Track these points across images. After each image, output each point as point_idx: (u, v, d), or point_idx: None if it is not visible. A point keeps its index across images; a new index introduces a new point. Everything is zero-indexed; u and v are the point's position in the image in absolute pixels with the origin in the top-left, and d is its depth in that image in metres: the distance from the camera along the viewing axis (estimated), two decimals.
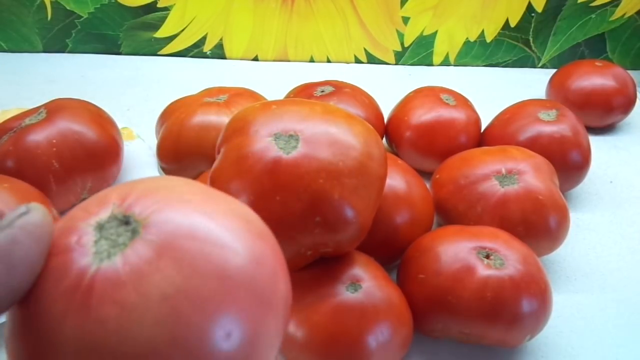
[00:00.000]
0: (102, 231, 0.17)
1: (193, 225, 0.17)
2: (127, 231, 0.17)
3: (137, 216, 0.17)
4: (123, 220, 0.17)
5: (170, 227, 0.17)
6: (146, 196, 0.18)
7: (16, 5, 0.69)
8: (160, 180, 0.20)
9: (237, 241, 0.18)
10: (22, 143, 0.41)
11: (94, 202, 0.19)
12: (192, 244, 0.17)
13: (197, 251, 0.17)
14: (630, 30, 0.73)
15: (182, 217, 0.17)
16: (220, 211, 0.18)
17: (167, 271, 0.16)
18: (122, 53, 0.73)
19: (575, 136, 0.48)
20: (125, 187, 0.19)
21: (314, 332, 0.32)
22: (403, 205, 0.40)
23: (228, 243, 0.17)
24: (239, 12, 0.70)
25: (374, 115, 0.52)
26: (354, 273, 0.33)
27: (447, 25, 0.72)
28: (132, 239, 0.17)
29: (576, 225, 0.48)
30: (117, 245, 0.17)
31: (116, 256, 0.16)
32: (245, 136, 0.32)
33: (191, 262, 0.16)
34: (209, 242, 0.17)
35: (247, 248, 0.18)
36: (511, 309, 0.33)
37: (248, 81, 0.59)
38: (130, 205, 0.18)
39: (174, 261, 0.16)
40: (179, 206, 0.18)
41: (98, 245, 0.17)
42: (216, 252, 0.17)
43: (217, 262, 0.17)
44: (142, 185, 0.19)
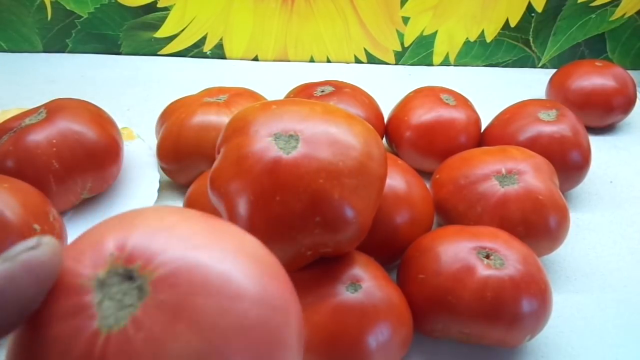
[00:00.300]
0: (103, 289, 0.15)
1: (206, 277, 0.16)
2: (132, 289, 0.15)
3: (141, 270, 0.16)
4: (125, 275, 0.16)
5: (181, 282, 0.15)
6: (147, 242, 0.16)
7: (16, 5, 0.69)
8: (157, 216, 0.18)
9: (252, 288, 0.16)
10: (22, 143, 0.41)
11: (86, 248, 0.17)
12: (207, 300, 0.15)
13: (214, 309, 0.15)
14: (630, 30, 0.73)
15: (192, 269, 0.16)
16: (230, 253, 0.17)
17: (186, 336, 0.15)
18: (122, 53, 0.73)
19: (575, 136, 0.48)
20: (120, 228, 0.17)
21: (314, 332, 0.32)
22: (403, 205, 0.40)
23: (244, 293, 0.16)
24: (239, 12, 0.70)
25: (374, 115, 0.52)
26: (354, 273, 0.33)
27: (447, 25, 0.72)
28: (141, 300, 0.15)
29: (576, 225, 0.48)
30: (124, 307, 0.15)
31: (126, 320, 0.15)
32: (245, 136, 0.32)
33: (210, 322, 0.15)
34: (224, 295, 0.16)
35: (263, 293, 0.17)
36: (511, 309, 0.33)
37: (248, 81, 0.59)
38: (130, 255, 0.16)
39: (192, 324, 0.15)
40: (186, 254, 0.16)
41: (103, 308, 0.15)
42: (234, 307, 0.16)
43: (236, 318, 0.16)
44: (139, 226, 0.17)
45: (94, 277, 0.16)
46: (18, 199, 0.36)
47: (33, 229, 0.36)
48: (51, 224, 0.37)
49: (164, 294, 0.15)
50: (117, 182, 0.48)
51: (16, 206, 0.36)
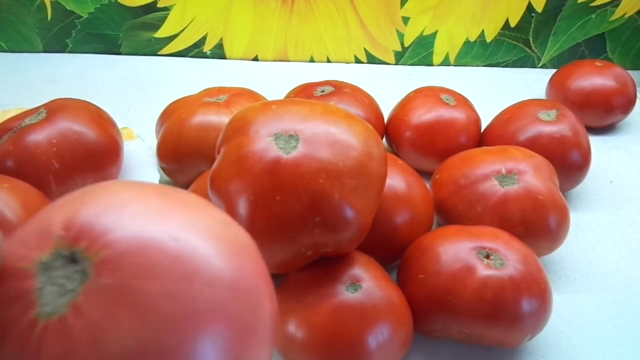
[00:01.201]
0: (47, 273, 0.14)
1: (154, 259, 0.14)
2: (75, 272, 0.14)
3: (85, 251, 0.14)
4: (70, 257, 0.14)
5: (125, 264, 0.14)
6: (95, 220, 0.15)
7: (16, 5, 0.69)
8: (111, 192, 0.16)
9: (210, 269, 0.15)
10: (22, 143, 0.41)
11: (35, 230, 0.15)
12: (154, 285, 0.14)
13: (161, 293, 0.14)
14: (630, 30, 0.73)
15: (140, 249, 0.14)
16: (186, 230, 0.15)
17: (128, 324, 0.13)
18: (122, 53, 0.73)
19: (575, 136, 0.48)
20: (71, 206, 0.15)
21: (314, 332, 0.32)
22: (403, 205, 0.40)
23: (198, 274, 0.14)
24: (239, 12, 0.70)
25: (374, 115, 0.52)
26: (354, 273, 0.33)
27: (447, 25, 0.72)
28: (83, 284, 0.14)
29: (576, 225, 0.48)
30: (65, 293, 0.14)
31: (66, 307, 0.14)
32: (245, 136, 0.32)
33: (156, 308, 0.14)
34: (173, 278, 0.14)
35: (224, 274, 0.15)
36: (511, 309, 0.33)
37: (248, 81, 0.59)
38: (76, 236, 0.14)
39: (136, 311, 0.13)
40: (135, 233, 0.14)
41: (44, 294, 0.14)
42: (183, 290, 0.14)
43: (185, 302, 0.14)
44: (90, 204, 0.15)
45: (38, 260, 0.14)
46: (18, 198, 0.36)
47: None
48: None
49: (106, 277, 0.14)
50: None
51: (16, 206, 0.36)
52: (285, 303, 0.34)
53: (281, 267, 0.33)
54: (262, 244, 0.31)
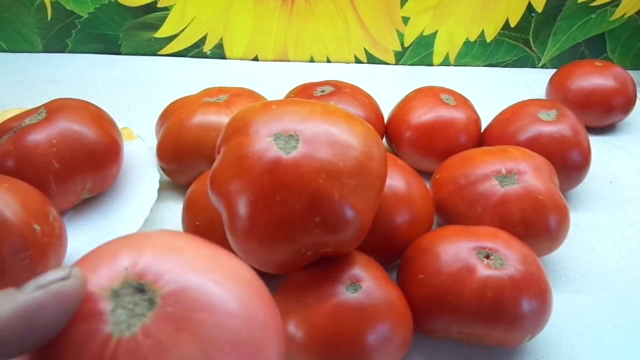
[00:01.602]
0: (117, 299, 0.17)
1: (207, 296, 0.18)
2: (143, 300, 0.17)
3: (152, 285, 0.18)
4: (138, 288, 0.18)
5: (186, 298, 0.18)
6: (157, 261, 0.18)
7: (16, 5, 0.69)
8: (165, 239, 0.20)
9: (244, 309, 0.19)
10: (22, 143, 0.41)
11: (101, 262, 0.18)
12: (207, 316, 0.17)
13: (212, 324, 0.17)
14: (630, 30, 0.73)
15: (196, 288, 0.18)
16: (226, 276, 0.19)
17: (187, 346, 0.17)
18: (122, 53, 0.73)
19: (575, 136, 0.48)
20: (133, 246, 0.19)
21: (314, 332, 0.32)
22: (403, 205, 0.40)
23: (237, 313, 0.18)
24: (239, 12, 0.70)
25: (374, 115, 0.52)
26: (354, 273, 0.33)
27: (447, 25, 0.72)
28: (150, 311, 0.17)
29: (576, 225, 0.48)
30: (135, 316, 0.17)
31: (136, 327, 0.17)
32: (245, 136, 0.32)
33: (208, 335, 0.17)
34: (221, 313, 0.18)
35: (252, 314, 0.19)
36: (511, 309, 0.33)
37: (248, 81, 0.59)
38: (142, 271, 0.18)
39: (193, 335, 0.17)
40: (191, 275, 0.18)
41: (116, 315, 0.17)
42: (229, 324, 0.18)
43: (231, 334, 0.18)
44: (150, 246, 0.19)
45: (109, 287, 0.17)
46: (18, 198, 0.36)
47: (33, 229, 0.36)
48: (51, 224, 0.37)
49: (171, 307, 0.17)
50: (117, 182, 0.48)
51: (16, 206, 0.36)
52: (285, 303, 0.34)
53: (281, 267, 0.33)
54: (262, 244, 0.31)
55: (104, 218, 0.45)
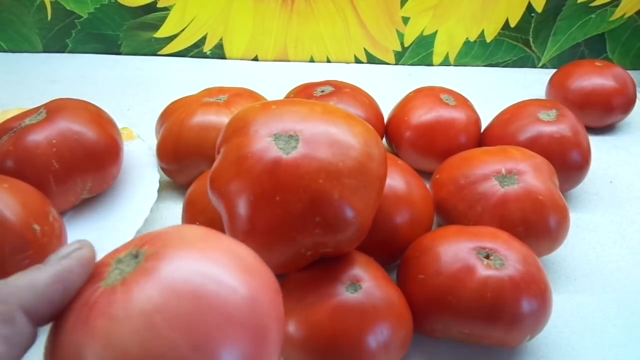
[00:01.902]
0: (118, 264, 0.21)
1: (184, 255, 0.21)
2: (133, 262, 0.21)
3: (145, 250, 0.21)
4: (134, 254, 0.21)
5: (164, 255, 0.21)
6: (159, 239, 0.22)
7: (16, 5, 0.69)
8: (178, 229, 0.23)
9: (232, 279, 0.20)
10: (22, 143, 0.41)
11: (124, 245, 0.23)
12: (175, 270, 0.20)
13: (178, 275, 0.20)
14: (630, 30, 0.73)
15: (179, 253, 0.21)
16: (218, 251, 0.22)
17: (150, 292, 0.19)
18: (122, 53, 0.73)
19: (575, 136, 0.48)
20: (151, 234, 0.23)
21: (313, 332, 0.32)
22: (403, 205, 0.40)
23: (223, 280, 0.20)
24: (239, 12, 0.70)
25: (374, 115, 0.52)
26: (354, 273, 0.33)
27: (447, 25, 0.72)
28: (136, 267, 0.21)
29: (576, 225, 0.48)
30: (123, 272, 0.21)
31: (118, 279, 0.20)
32: (245, 136, 0.32)
33: (170, 283, 0.20)
34: (204, 276, 0.20)
35: (243, 289, 0.20)
36: (511, 309, 0.33)
37: (248, 81, 0.59)
38: (144, 243, 0.22)
39: (158, 284, 0.20)
40: (181, 247, 0.21)
41: (111, 274, 0.21)
42: (206, 284, 0.20)
43: (196, 287, 0.20)
44: (161, 232, 0.23)
45: (117, 257, 0.22)
46: (18, 199, 0.36)
47: (33, 229, 0.36)
48: (51, 224, 0.37)
49: (149, 264, 0.20)
50: (117, 182, 0.48)
51: (16, 206, 0.36)
52: (285, 303, 0.34)
53: (281, 267, 0.33)
54: (262, 244, 0.31)
55: (103, 218, 0.45)
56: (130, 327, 0.19)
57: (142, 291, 0.19)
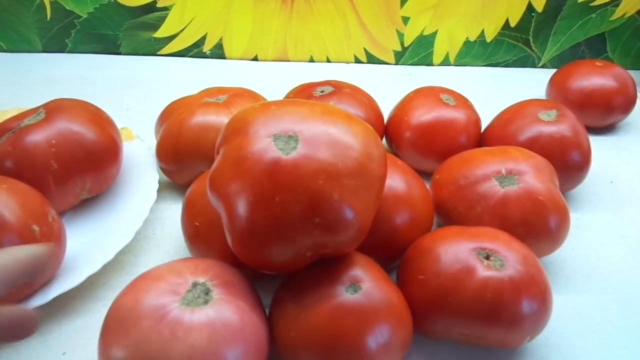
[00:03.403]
0: (194, 288, 0.31)
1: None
2: (203, 297, 0.31)
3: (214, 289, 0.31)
4: (205, 290, 0.31)
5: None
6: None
7: (15, 5, 0.69)
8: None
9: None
10: (21, 143, 0.41)
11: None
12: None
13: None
14: (630, 30, 0.72)
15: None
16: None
17: (199, 335, 0.29)
18: (121, 53, 0.73)
19: (576, 136, 0.48)
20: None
21: (313, 333, 0.32)
22: (403, 205, 0.40)
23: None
24: (239, 12, 0.70)
25: (374, 116, 0.52)
26: (354, 274, 0.33)
27: (447, 25, 0.72)
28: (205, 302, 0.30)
29: (576, 225, 0.48)
30: (195, 302, 0.30)
31: (190, 307, 0.30)
32: (244, 137, 0.32)
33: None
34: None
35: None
36: (511, 310, 0.33)
37: (248, 81, 0.59)
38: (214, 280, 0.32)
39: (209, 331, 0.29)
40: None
41: (187, 295, 0.30)
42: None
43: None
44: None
45: (193, 280, 0.32)
46: (17, 199, 0.36)
47: (32, 230, 0.36)
48: (50, 225, 0.37)
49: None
50: (117, 182, 0.48)
51: (15, 207, 0.36)
52: (285, 304, 0.34)
53: (280, 267, 0.33)
54: (262, 244, 0.31)
55: (103, 219, 0.45)
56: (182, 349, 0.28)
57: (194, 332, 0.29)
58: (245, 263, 0.33)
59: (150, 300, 0.29)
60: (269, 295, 0.36)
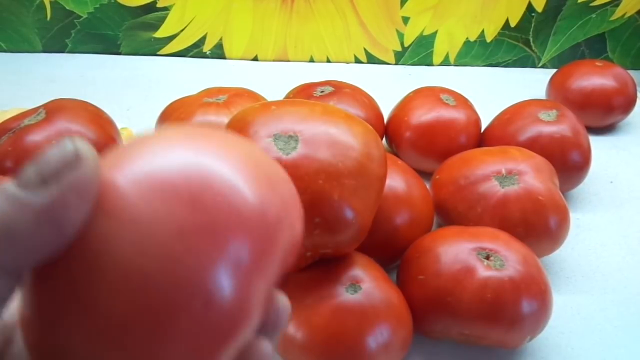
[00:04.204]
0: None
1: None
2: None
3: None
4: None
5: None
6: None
7: (15, 5, 0.69)
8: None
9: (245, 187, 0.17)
10: (21, 143, 0.41)
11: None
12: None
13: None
14: (630, 30, 0.72)
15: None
16: (234, 155, 0.18)
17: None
18: (121, 53, 0.73)
19: (575, 136, 0.48)
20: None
21: (313, 334, 0.32)
22: (403, 205, 0.40)
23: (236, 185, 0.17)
24: (239, 12, 0.70)
25: (374, 116, 0.52)
26: (354, 274, 0.33)
27: (447, 25, 0.72)
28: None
29: (576, 225, 0.48)
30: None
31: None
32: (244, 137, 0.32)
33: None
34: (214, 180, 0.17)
35: (255, 193, 0.17)
36: (511, 310, 0.33)
37: (248, 81, 0.59)
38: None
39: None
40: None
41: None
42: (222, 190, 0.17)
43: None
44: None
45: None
46: None
47: None
48: None
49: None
50: None
51: None
52: None
53: None
54: None
55: None
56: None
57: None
58: None
59: None
60: None
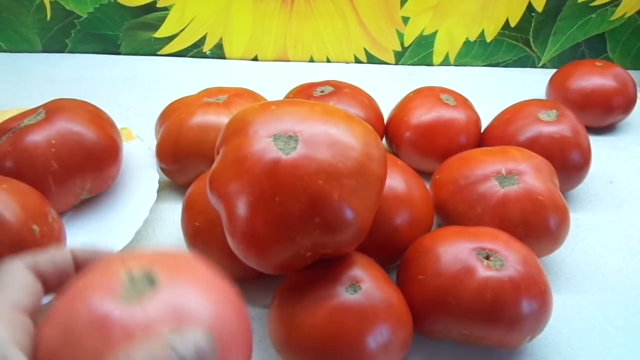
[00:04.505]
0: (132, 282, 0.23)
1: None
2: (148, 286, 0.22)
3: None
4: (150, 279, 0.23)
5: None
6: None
7: (15, 5, 0.69)
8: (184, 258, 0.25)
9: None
10: (21, 144, 0.41)
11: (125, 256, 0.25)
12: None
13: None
14: (630, 30, 0.72)
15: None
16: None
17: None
18: (121, 53, 0.73)
19: (575, 136, 0.48)
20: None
21: (313, 334, 0.32)
22: (403, 205, 0.40)
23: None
24: (239, 12, 0.70)
25: (374, 116, 0.52)
26: (354, 274, 0.33)
27: (447, 25, 0.72)
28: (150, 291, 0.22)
29: (576, 225, 0.48)
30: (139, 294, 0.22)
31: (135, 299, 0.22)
32: (244, 137, 0.32)
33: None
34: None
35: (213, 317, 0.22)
36: (511, 310, 0.33)
37: (248, 81, 0.59)
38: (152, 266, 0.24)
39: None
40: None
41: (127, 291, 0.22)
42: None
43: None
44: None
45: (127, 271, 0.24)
46: (17, 199, 0.36)
47: (32, 230, 0.36)
48: (50, 225, 0.37)
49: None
50: (116, 182, 0.48)
51: (15, 207, 0.36)
52: (284, 304, 0.34)
53: (280, 268, 0.33)
54: (262, 245, 0.31)
55: (103, 219, 0.45)
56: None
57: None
58: (245, 263, 0.33)
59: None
60: (269, 295, 0.36)
